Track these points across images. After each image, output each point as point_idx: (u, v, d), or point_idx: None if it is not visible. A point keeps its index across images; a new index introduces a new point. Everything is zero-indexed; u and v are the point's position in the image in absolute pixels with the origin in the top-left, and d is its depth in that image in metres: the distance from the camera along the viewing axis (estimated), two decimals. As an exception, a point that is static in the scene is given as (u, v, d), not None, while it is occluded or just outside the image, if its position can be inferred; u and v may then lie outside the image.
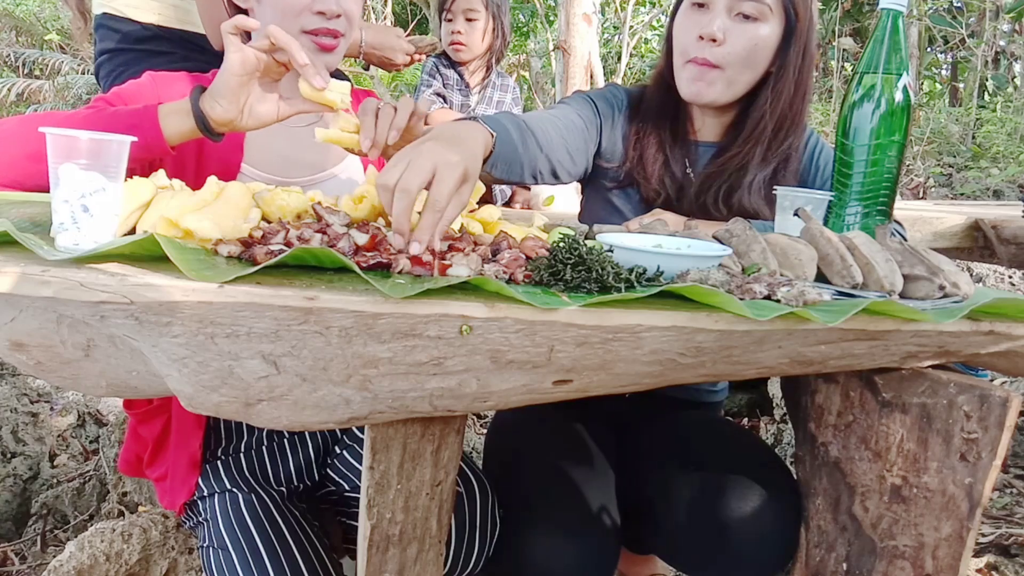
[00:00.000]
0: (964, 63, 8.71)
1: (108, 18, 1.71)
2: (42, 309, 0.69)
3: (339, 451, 1.32)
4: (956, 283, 0.87)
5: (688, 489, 1.18)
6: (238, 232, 0.81)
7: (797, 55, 1.27)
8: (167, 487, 1.24)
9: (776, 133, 1.30)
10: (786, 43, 1.27)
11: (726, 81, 1.26)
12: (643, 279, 0.79)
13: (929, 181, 6.33)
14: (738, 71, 1.26)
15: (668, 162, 1.35)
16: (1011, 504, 2.11)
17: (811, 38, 1.29)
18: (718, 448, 1.28)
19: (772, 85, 1.28)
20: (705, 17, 1.25)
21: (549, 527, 1.12)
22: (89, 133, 0.72)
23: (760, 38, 1.24)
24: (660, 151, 1.36)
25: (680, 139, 1.36)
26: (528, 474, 1.23)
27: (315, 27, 1.18)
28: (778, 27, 1.25)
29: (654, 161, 1.35)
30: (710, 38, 1.23)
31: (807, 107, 1.33)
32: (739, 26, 1.24)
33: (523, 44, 9.75)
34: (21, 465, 2.10)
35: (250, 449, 1.25)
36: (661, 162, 1.35)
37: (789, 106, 1.29)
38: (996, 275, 3.84)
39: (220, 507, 1.16)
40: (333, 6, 1.18)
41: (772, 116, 1.29)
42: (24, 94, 9.24)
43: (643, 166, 1.36)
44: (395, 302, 0.67)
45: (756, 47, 1.25)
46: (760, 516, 1.09)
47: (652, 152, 1.36)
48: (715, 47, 1.24)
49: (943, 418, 0.89)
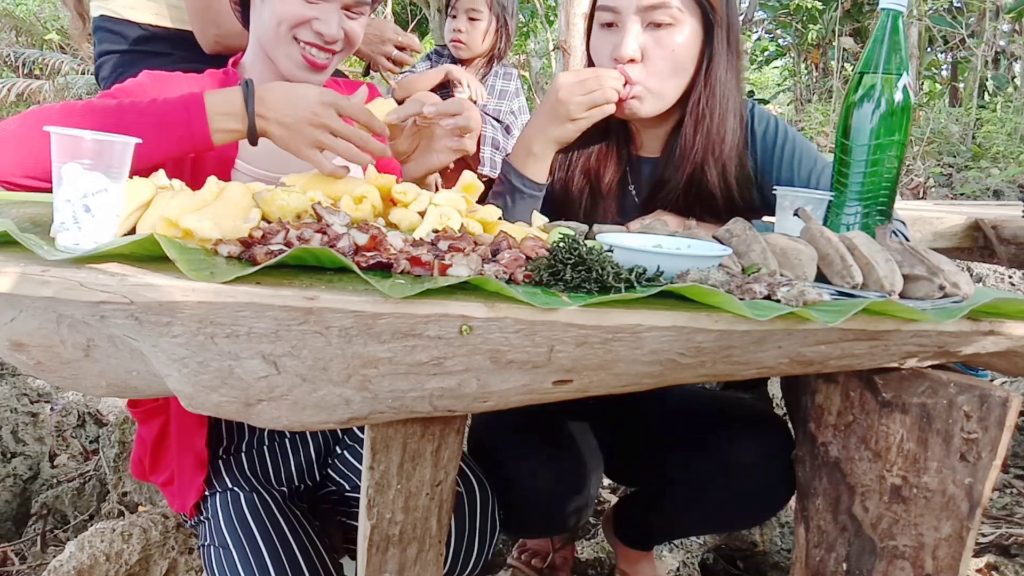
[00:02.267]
0: (964, 63, 8.71)
1: (106, 20, 1.71)
2: (42, 309, 0.69)
3: (340, 451, 1.32)
4: (956, 283, 0.87)
5: (686, 441, 1.27)
6: (238, 232, 0.81)
7: (722, 43, 1.22)
8: (175, 491, 1.24)
9: (720, 127, 1.24)
10: (708, 36, 1.21)
11: (654, 94, 1.21)
12: (643, 279, 0.79)
13: (929, 181, 6.33)
14: (664, 81, 1.21)
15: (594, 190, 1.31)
16: (1011, 504, 2.11)
17: (733, 21, 1.23)
18: (706, 405, 1.35)
19: (705, 82, 1.22)
20: (617, 36, 1.20)
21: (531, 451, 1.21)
22: (93, 133, 0.72)
23: (678, 44, 1.19)
24: (586, 178, 1.31)
25: (614, 158, 1.32)
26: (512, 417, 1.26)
27: (310, 40, 1.18)
28: (695, 25, 1.20)
29: (581, 190, 1.31)
30: (627, 60, 1.18)
31: (742, 86, 1.28)
32: (653, 36, 1.18)
33: (523, 44, 9.75)
34: (21, 465, 2.10)
35: (252, 448, 1.25)
36: (588, 192, 1.31)
37: (725, 96, 1.23)
38: (996, 275, 3.84)
39: (222, 505, 1.16)
40: (334, 31, 1.17)
41: (713, 113, 1.23)
42: (24, 94, 9.24)
43: (568, 197, 1.32)
44: (395, 302, 0.67)
45: (675, 54, 1.19)
46: (756, 457, 1.18)
47: (579, 180, 1.32)
48: (634, 66, 1.19)
49: (943, 418, 0.89)
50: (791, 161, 1.29)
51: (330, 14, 1.18)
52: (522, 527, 1.37)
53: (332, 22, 1.18)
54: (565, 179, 1.33)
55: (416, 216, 0.98)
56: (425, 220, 0.96)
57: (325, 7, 1.18)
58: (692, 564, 1.73)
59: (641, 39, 1.19)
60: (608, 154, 1.32)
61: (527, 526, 1.35)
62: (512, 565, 1.66)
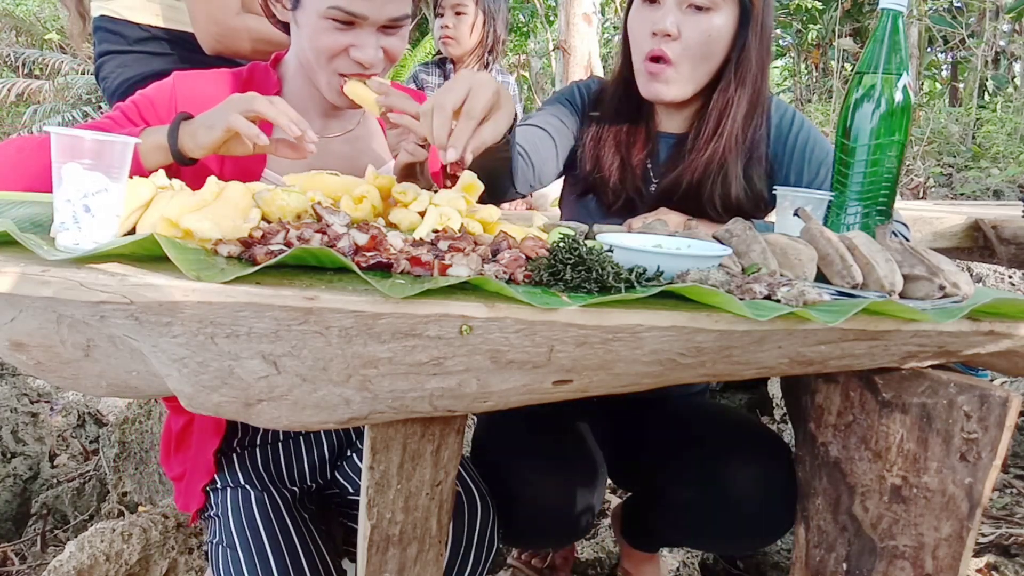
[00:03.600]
0: (964, 63, 8.71)
1: (107, 20, 1.71)
2: (42, 309, 0.69)
3: (350, 454, 1.32)
4: (956, 283, 0.87)
5: (688, 463, 1.23)
6: (238, 232, 0.81)
7: (756, 37, 1.24)
8: (182, 488, 1.25)
9: (747, 120, 1.27)
10: (743, 28, 1.23)
11: (683, 78, 1.24)
12: (643, 279, 0.79)
13: (929, 181, 6.34)
14: (695, 65, 1.23)
15: (625, 164, 1.32)
16: (1011, 504, 2.11)
17: (767, 16, 1.26)
18: (710, 424, 1.31)
19: (735, 72, 1.25)
20: (657, 13, 1.23)
21: (536, 463, 1.19)
22: (93, 133, 0.73)
23: (714, 28, 1.22)
24: (617, 153, 1.33)
25: (642, 134, 1.34)
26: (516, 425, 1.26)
27: (348, 71, 1.15)
28: (732, 13, 1.23)
29: (611, 165, 1.33)
30: (664, 33, 1.21)
31: (767, 84, 1.30)
32: (692, 18, 1.21)
33: (523, 44, 9.75)
34: (21, 465, 2.10)
35: (266, 443, 1.26)
36: (618, 165, 1.32)
37: (755, 89, 1.26)
38: (996, 275, 3.84)
39: (232, 503, 1.17)
40: (371, 56, 1.13)
41: (739, 103, 1.25)
42: (24, 94, 9.24)
43: (600, 172, 1.33)
44: (395, 302, 0.67)
45: (711, 38, 1.22)
46: (759, 481, 1.14)
47: (609, 156, 1.33)
48: (670, 41, 1.22)
49: (943, 418, 0.89)
50: (804, 150, 1.30)
51: (366, 39, 1.13)
52: (526, 540, 1.36)
53: (369, 47, 1.13)
54: (595, 150, 1.35)
55: (416, 216, 0.98)
56: (425, 220, 0.96)
57: (360, 32, 1.13)
58: (692, 564, 1.73)
59: (679, 18, 1.21)
60: (635, 131, 1.34)
61: (531, 539, 1.34)
62: (512, 565, 1.66)
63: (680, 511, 1.25)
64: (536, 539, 1.34)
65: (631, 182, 1.32)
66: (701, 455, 1.22)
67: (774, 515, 1.14)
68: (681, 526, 1.28)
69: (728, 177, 1.26)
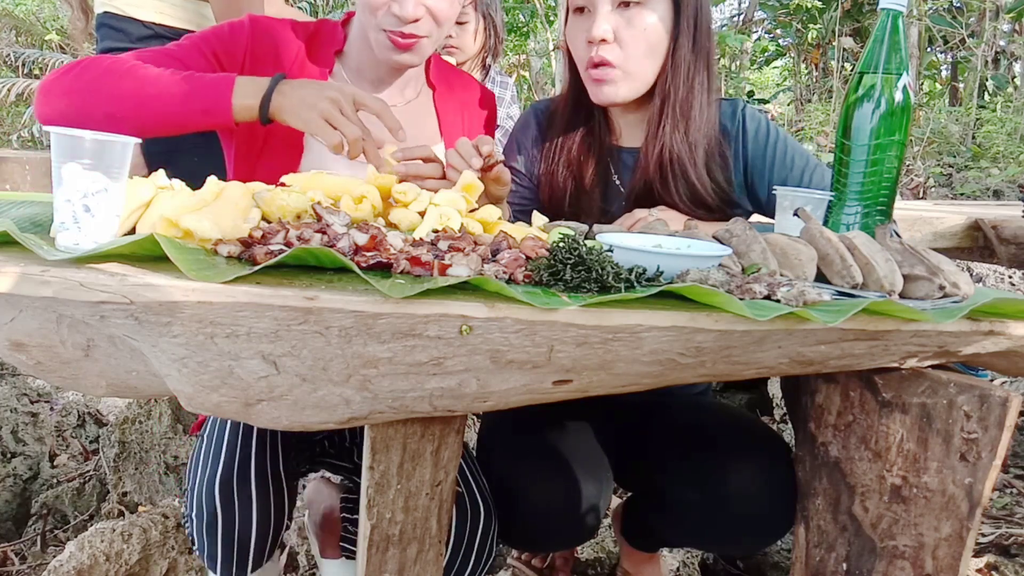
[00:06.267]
0: (964, 63, 8.70)
1: (110, 17, 1.71)
2: (42, 309, 0.69)
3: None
4: (956, 283, 0.87)
5: (688, 463, 1.23)
6: (238, 232, 0.81)
7: (688, 23, 1.23)
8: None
9: (686, 110, 1.25)
10: (678, 18, 1.23)
11: (630, 76, 1.23)
12: (643, 279, 0.79)
13: (929, 181, 6.34)
14: (638, 62, 1.23)
15: (578, 184, 1.31)
16: (1011, 504, 2.11)
17: (702, 3, 1.25)
18: (710, 424, 1.31)
19: (671, 64, 1.24)
20: (589, 21, 1.22)
21: (542, 465, 1.18)
22: (93, 134, 0.72)
23: (649, 24, 1.21)
24: (570, 173, 1.32)
25: (601, 147, 1.33)
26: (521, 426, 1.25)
27: (391, 28, 1.19)
28: (666, 6, 1.22)
29: (564, 182, 1.32)
30: (599, 40, 1.20)
31: (714, 75, 1.28)
32: (625, 18, 1.21)
33: (523, 44, 9.74)
34: (21, 465, 2.10)
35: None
36: (572, 186, 1.32)
37: (690, 75, 1.24)
38: (996, 275, 3.84)
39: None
40: (410, 10, 1.16)
41: (680, 93, 1.24)
42: (24, 94, 9.23)
43: (551, 186, 1.33)
44: (395, 302, 0.67)
45: (647, 33, 1.21)
46: (759, 481, 1.13)
47: (561, 177, 1.32)
48: (607, 46, 1.21)
49: (943, 418, 0.89)
50: (783, 159, 1.29)
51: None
52: (532, 543, 1.35)
53: (408, 2, 1.16)
54: (549, 172, 1.34)
55: (416, 216, 0.98)
56: (425, 220, 0.96)
57: None
58: (692, 564, 1.73)
59: (613, 20, 1.21)
60: (588, 145, 1.33)
61: (537, 542, 1.33)
62: (512, 565, 1.65)
63: (680, 511, 1.25)
64: (542, 542, 1.33)
65: (586, 199, 1.32)
66: (701, 455, 1.22)
67: (774, 515, 1.14)
68: (681, 526, 1.28)
69: (687, 169, 1.25)
